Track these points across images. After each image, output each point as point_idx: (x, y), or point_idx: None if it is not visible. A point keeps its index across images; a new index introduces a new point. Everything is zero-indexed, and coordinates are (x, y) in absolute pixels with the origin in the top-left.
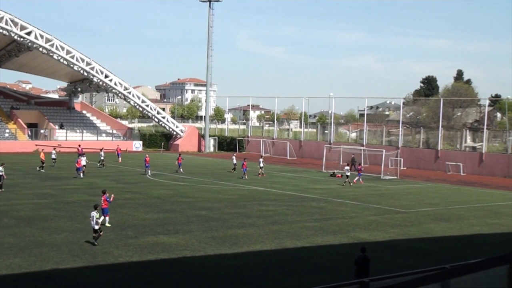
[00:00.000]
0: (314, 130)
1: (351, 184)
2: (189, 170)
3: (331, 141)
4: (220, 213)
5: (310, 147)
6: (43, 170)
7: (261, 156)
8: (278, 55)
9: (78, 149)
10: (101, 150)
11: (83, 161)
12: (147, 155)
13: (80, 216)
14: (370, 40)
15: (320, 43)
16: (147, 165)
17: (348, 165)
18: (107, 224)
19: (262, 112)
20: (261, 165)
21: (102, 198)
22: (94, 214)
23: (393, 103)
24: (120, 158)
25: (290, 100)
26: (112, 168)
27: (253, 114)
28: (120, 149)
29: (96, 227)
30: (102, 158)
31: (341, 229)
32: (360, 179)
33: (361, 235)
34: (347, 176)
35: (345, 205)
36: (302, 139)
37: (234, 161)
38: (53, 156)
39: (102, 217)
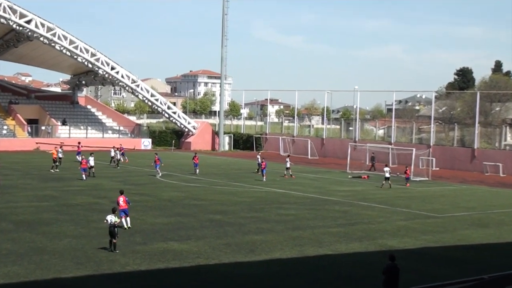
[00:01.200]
0: (338, 126)
1: (390, 187)
2: (202, 171)
3: (356, 139)
4: (236, 217)
5: (333, 146)
6: (57, 170)
7: (288, 156)
8: (297, 45)
9: (77, 147)
10: (117, 149)
11: (91, 161)
12: (156, 155)
13: (84, 220)
14: (397, 27)
15: (342, 31)
16: (157, 165)
17: (387, 166)
18: (129, 225)
19: (281, 107)
20: (288, 165)
21: (122, 199)
22: (112, 218)
23: (424, 97)
24: (125, 158)
25: (312, 94)
26: (118, 168)
27: (272, 109)
28: (123, 148)
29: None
30: (118, 157)
31: (367, 235)
32: (407, 181)
33: (389, 242)
34: (387, 179)
35: (371, 209)
36: (324, 137)
37: (260, 161)
38: (60, 155)
39: (119, 220)
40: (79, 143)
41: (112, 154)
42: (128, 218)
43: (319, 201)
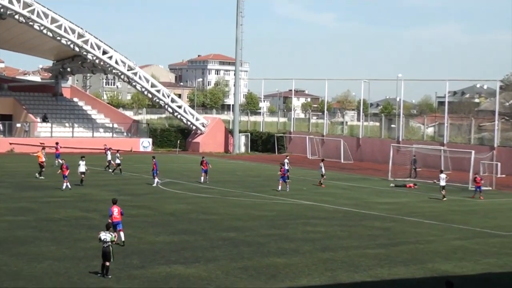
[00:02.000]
0: (377, 123)
1: (443, 198)
2: (214, 178)
3: (400, 139)
4: (254, 235)
5: (371, 147)
6: (42, 177)
7: (322, 160)
8: (327, 24)
9: (55, 148)
10: (117, 151)
11: (82, 167)
12: (154, 158)
13: (69, 238)
14: (453, 2)
15: (383, 7)
16: (154, 170)
17: (442, 172)
18: (123, 239)
19: (308, 99)
20: (323, 171)
21: (117, 210)
22: (106, 236)
23: (485, 87)
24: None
25: (345, 84)
26: (110, 175)
27: (297, 103)
28: (107, 149)
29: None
30: (118, 161)
31: (414, 257)
32: (480, 193)
33: (442, 266)
34: (443, 188)
35: (420, 225)
36: (360, 136)
37: (287, 167)
38: (43, 158)
39: (115, 235)
40: (56, 143)
41: (109, 157)
42: (122, 233)
43: (354, 215)
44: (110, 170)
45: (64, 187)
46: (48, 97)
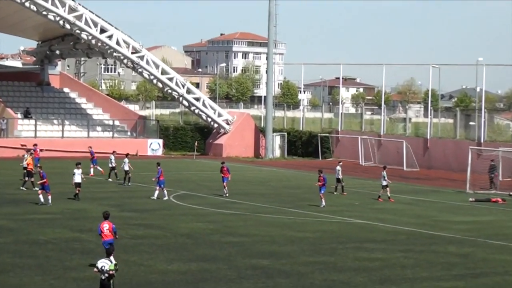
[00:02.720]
0: (450, 120)
1: None
2: (241, 189)
3: (482, 140)
4: (293, 263)
5: (442, 150)
6: (23, 189)
7: (384, 168)
8: None
9: (34, 151)
10: (126, 155)
11: (78, 176)
12: (159, 165)
13: (58, 266)
14: None
15: None
16: (160, 181)
17: None
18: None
19: (361, 90)
20: (386, 180)
21: (108, 227)
22: (105, 264)
23: None
24: (98, 167)
25: (408, 70)
26: (111, 185)
27: (346, 94)
28: (93, 153)
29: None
30: (126, 168)
31: None
32: None
33: None
34: None
35: (508, 251)
36: (428, 137)
37: (339, 175)
38: (24, 164)
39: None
40: (35, 145)
41: (113, 163)
42: (112, 257)
43: (422, 238)
44: (118, 179)
45: (42, 200)
46: (31, 87)
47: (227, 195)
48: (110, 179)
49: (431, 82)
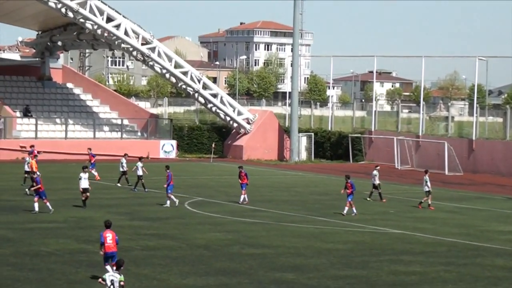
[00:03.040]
0: (499, 119)
1: None
2: (263, 195)
3: None
4: (321, 277)
5: (490, 153)
6: (28, 192)
7: (426, 172)
8: None
9: (32, 153)
10: (140, 159)
11: (84, 181)
12: (168, 169)
13: (62, 280)
14: None
15: None
16: (169, 186)
17: None
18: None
19: (397, 85)
20: (428, 186)
21: (111, 236)
22: (114, 277)
23: None
24: (93, 171)
25: (451, 63)
26: (120, 190)
27: (380, 89)
28: (93, 156)
29: None
30: (139, 172)
31: None
32: None
33: None
34: None
35: None
36: (474, 137)
37: (376, 181)
38: (26, 168)
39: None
40: (32, 146)
41: (124, 167)
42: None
43: (465, 249)
44: (130, 184)
45: (36, 209)
46: (31, 82)
47: (246, 202)
48: (119, 184)
49: (477, 76)
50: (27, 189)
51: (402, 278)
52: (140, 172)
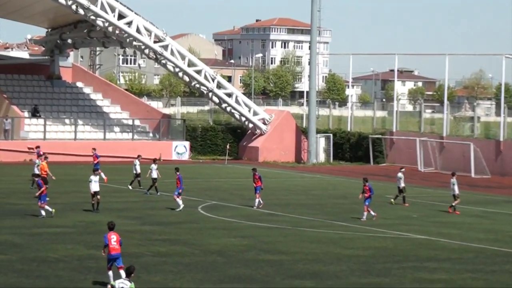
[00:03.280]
0: None
1: None
2: (279, 199)
3: None
4: (341, 285)
5: None
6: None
7: (453, 175)
8: None
9: (37, 153)
10: (154, 160)
11: (95, 184)
12: (178, 171)
13: (71, 287)
14: None
15: None
16: (178, 187)
17: None
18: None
19: (419, 84)
20: (456, 190)
21: (115, 238)
22: (124, 285)
23: None
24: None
25: (476, 61)
26: (126, 194)
27: (402, 89)
28: (97, 157)
29: None
30: (154, 175)
31: None
32: None
33: None
34: None
35: None
36: (502, 138)
37: (402, 184)
38: (36, 171)
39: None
40: (37, 147)
41: (138, 169)
42: (122, 271)
43: (494, 256)
44: (142, 188)
45: (43, 214)
46: (39, 81)
47: (261, 206)
48: (130, 187)
49: (505, 75)
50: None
51: (426, 286)
52: (154, 175)
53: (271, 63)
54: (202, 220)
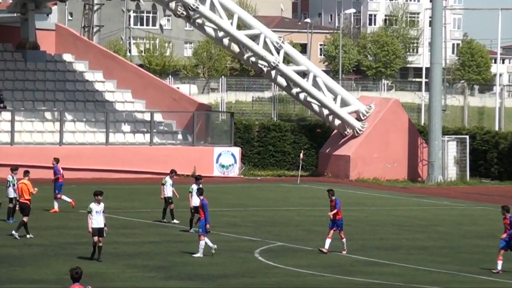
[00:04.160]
0: None
1: None
2: (383, 238)
3: None
4: None
5: None
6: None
7: None
8: None
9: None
10: (171, 173)
11: (98, 216)
12: (201, 194)
13: None
14: None
15: None
16: (200, 220)
17: None
18: None
19: None
20: None
21: None
22: None
23: None
24: (63, 196)
25: None
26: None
27: None
28: (56, 172)
29: None
30: (166, 194)
31: None
32: None
33: None
34: None
35: None
36: None
37: None
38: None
39: None
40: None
41: (168, 191)
42: None
43: None
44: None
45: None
46: (5, 52)
47: (345, 249)
48: (165, 220)
49: None
50: (13, 231)
51: None
52: (168, 193)
53: (369, 24)
54: (260, 272)
